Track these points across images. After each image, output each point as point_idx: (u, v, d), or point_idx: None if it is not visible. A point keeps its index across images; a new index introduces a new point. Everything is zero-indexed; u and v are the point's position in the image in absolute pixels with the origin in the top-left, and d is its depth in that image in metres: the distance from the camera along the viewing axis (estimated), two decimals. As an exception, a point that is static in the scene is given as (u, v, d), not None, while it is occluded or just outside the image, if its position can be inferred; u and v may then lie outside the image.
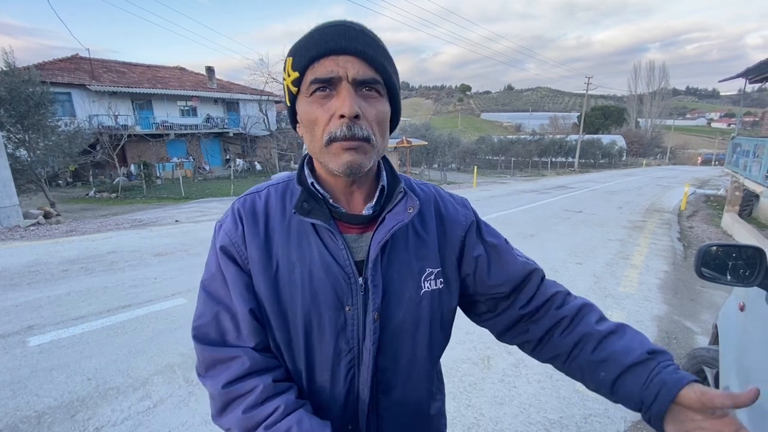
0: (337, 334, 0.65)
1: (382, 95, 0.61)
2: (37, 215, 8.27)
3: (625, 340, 0.67)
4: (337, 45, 0.56)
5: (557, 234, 7.16)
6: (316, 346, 0.65)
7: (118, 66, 22.67)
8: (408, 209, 0.66)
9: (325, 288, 0.64)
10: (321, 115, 0.58)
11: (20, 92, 9.63)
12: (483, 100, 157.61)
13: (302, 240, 0.66)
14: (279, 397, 0.61)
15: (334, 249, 0.65)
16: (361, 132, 0.57)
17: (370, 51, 0.58)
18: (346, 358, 0.66)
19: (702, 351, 2.05)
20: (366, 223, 0.67)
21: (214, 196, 13.96)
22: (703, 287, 4.45)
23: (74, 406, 2.21)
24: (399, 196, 0.67)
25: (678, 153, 62.46)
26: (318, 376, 0.66)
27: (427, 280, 0.69)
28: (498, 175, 26.38)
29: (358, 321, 0.65)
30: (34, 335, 3.03)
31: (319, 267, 0.64)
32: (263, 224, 0.66)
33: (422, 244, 0.70)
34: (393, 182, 0.70)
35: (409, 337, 0.69)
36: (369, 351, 0.65)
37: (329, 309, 0.64)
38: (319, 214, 0.64)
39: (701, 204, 12.52)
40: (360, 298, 0.65)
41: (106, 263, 4.96)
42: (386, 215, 0.66)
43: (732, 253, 1.27)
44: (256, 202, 0.69)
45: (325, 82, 0.57)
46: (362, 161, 0.59)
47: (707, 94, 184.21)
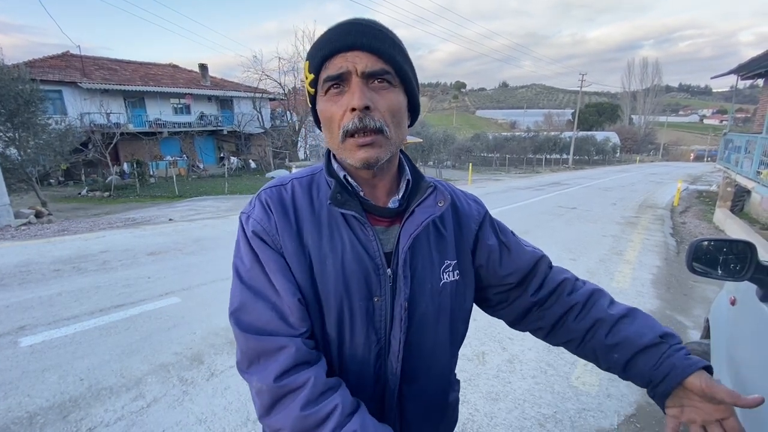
0: (368, 324, 0.66)
1: (394, 85, 0.62)
2: (29, 215, 8.17)
3: (636, 325, 0.71)
4: (345, 42, 0.58)
5: (551, 230, 7.20)
6: (347, 337, 0.66)
7: (110, 63, 22.38)
8: (438, 203, 0.68)
9: (357, 278, 0.65)
10: (336, 111, 0.60)
11: (9, 90, 9.49)
12: (478, 97, 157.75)
13: (333, 231, 0.66)
14: (334, 393, 0.58)
15: (365, 240, 0.66)
16: (373, 123, 0.59)
17: (377, 43, 0.59)
18: (375, 349, 0.67)
19: (694, 345, 2.06)
20: (393, 216, 0.69)
21: (208, 195, 13.87)
22: (695, 282, 4.49)
23: (67, 407, 2.19)
24: (429, 190, 0.69)
25: (671, 149, 62.96)
26: (348, 366, 0.67)
27: (445, 272, 0.72)
28: (493, 172, 26.45)
29: (386, 311, 0.67)
30: (26, 336, 2.99)
31: (350, 258, 0.65)
32: (293, 215, 0.67)
33: (441, 237, 0.73)
34: (417, 176, 0.72)
35: (431, 328, 0.71)
36: (398, 340, 0.67)
37: (360, 299, 0.65)
38: (353, 206, 0.65)
39: (694, 200, 12.64)
40: (388, 289, 0.66)
41: (98, 263, 4.91)
42: (416, 208, 0.68)
43: (723, 247, 1.27)
44: (283, 194, 0.68)
45: (336, 78, 0.59)
46: (378, 155, 0.61)
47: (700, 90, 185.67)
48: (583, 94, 46.85)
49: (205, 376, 2.51)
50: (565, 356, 2.83)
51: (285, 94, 22.19)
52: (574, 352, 0.78)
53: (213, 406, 2.21)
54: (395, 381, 0.68)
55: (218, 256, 5.24)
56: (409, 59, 0.65)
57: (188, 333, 3.05)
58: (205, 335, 3.02)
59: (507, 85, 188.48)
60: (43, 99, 10.91)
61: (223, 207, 10.68)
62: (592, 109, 64.08)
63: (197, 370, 2.56)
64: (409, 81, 0.64)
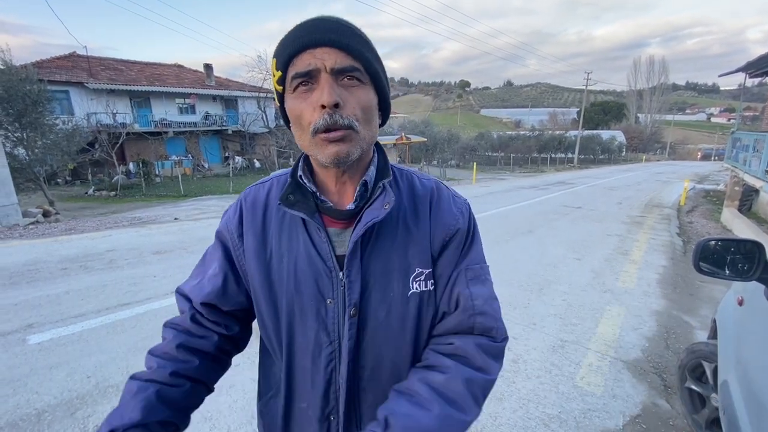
0: (318, 325, 0.67)
1: (364, 82, 0.61)
2: (36, 214, 8.26)
3: (396, 406, 0.60)
4: (312, 38, 0.57)
5: (556, 230, 7.16)
6: (298, 334, 0.68)
7: (116, 63, 22.55)
8: (384, 205, 0.64)
9: (308, 279, 0.66)
10: (305, 109, 0.59)
11: (17, 90, 9.59)
12: (482, 96, 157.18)
13: (292, 231, 0.68)
14: (163, 360, 0.69)
15: (318, 242, 0.66)
16: (342, 120, 0.58)
17: (346, 39, 0.58)
18: (326, 350, 0.67)
19: (701, 345, 2.05)
20: (350, 218, 0.67)
21: (213, 194, 13.94)
22: (702, 282, 4.45)
23: (74, 404, 2.22)
24: (378, 191, 0.66)
25: (678, 148, 62.37)
26: (299, 361, 0.69)
27: (416, 281, 0.67)
28: (497, 172, 26.36)
29: (338, 315, 0.66)
30: (34, 333, 3.02)
31: (303, 259, 0.67)
32: (261, 214, 0.71)
33: (412, 241, 0.68)
34: (380, 176, 0.69)
35: (392, 338, 0.68)
36: (347, 347, 0.65)
37: (311, 300, 0.66)
38: (303, 207, 0.65)
39: (701, 199, 12.52)
40: (340, 293, 0.65)
41: (105, 261, 4.95)
42: (364, 211, 0.65)
43: (730, 247, 1.26)
44: (259, 193, 0.73)
45: (305, 75, 0.58)
46: (349, 150, 0.60)
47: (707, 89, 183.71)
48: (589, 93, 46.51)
49: (211, 374, 2.52)
50: (570, 356, 2.81)
51: (289, 93, 22.18)
52: None
53: (218, 404, 2.23)
54: (345, 386, 0.67)
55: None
56: (379, 57, 0.64)
57: (194, 331, 3.07)
58: (211, 334, 3.04)
59: (512, 83, 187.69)
60: (51, 99, 11.02)
61: (227, 206, 10.70)
62: (598, 107, 63.67)
63: (202, 369, 2.58)
64: (380, 79, 0.63)
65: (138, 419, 0.61)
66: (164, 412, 0.64)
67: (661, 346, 3.02)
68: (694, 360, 2.07)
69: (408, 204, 0.70)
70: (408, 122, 31.32)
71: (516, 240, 6.29)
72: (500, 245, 5.94)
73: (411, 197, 0.71)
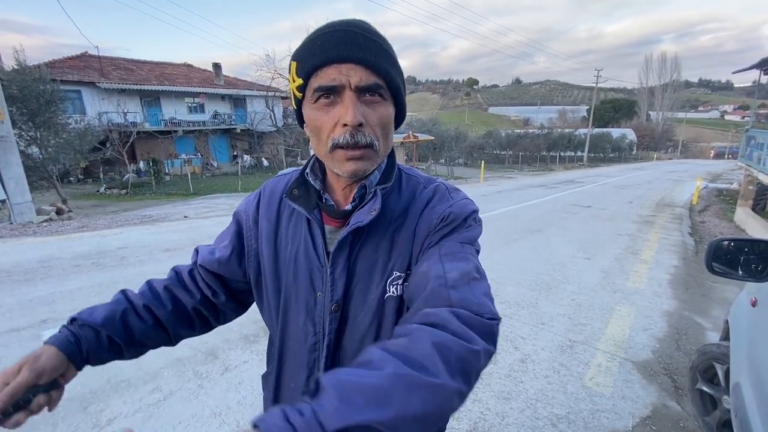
0: (306, 314, 0.70)
1: (385, 99, 0.61)
2: (50, 211, 8.41)
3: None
4: (339, 53, 0.57)
5: (565, 229, 7.10)
6: (291, 318, 0.72)
7: (127, 63, 22.84)
8: (371, 211, 0.64)
9: (304, 270, 0.70)
10: (326, 122, 0.60)
11: (31, 90, 9.77)
12: (490, 94, 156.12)
13: (297, 223, 0.73)
14: (148, 292, 0.77)
15: (315, 237, 0.70)
16: (365, 139, 0.59)
17: (373, 57, 0.58)
18: (311, 340, 0.70)
19: (713, 347, 2.02)
20: (346, 218, 0.69)
21: (221, 192, 14.06)
22: (714, 283, 4.38)
23: (87, 399, 2.26)
24: (369, 195, 0.66)
25: (690, 146, 61.39)
26: (290, 343, 0.74)
27: (393, 284, 0.66)
28: (506, 170, 26.19)
29: (324, 309, 0.69)
30: (48, 329, 3.08)
31: (302, 250, 0.71)
32: (277, 203, 0.76)
33: (396, 245, 0.67)
34: (382, 181, 0.69)
35: (369, 340, 0.68)
36: (326, 340, 0.69)
37: (303, 289, 0.70)
38: (304, 203, 0.69)
39: (713, 198, 12.31)
40: (328, 287, 0.68)
41: (116, 258, 5.03)
42: (354, 213, 0.67)
43: (744, 247, 1.24)
44: (278, 184, 0.78)
45: (329, 90, 0.58)
46: (366, 167, 0.62)
47: (721, 86, 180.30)
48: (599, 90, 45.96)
49: (220, 370, 2.55)
50: (579, 356, 2.79)
51: (297, 92, 22.28)
52: None
53: (227, 401, 2.25)
54: None
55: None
56: (400, 69, 0.64)
57: (203, 328, 3.11)
58: (220, 330, 3.05)
59: (520, 81, 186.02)
60: (63, 99, 11.20)
61: (236, 204, 10.74)
62: (608, 105, 62.88)
63: (212, 365, 2.61)
64: (400, 93, 0.64)
65: (98, 323, 0.68)
66: (119, 331, 0.70)
67: (672, 347, 2.98)
68: (706, 361, 2.04)
69: (404, 210, 0.69)
70: (415, 120, 31.24)
71: (524, 239, 6.25)
72: (509, 245, 5.91)
73: (410, 203, 0.70)
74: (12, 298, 3.68)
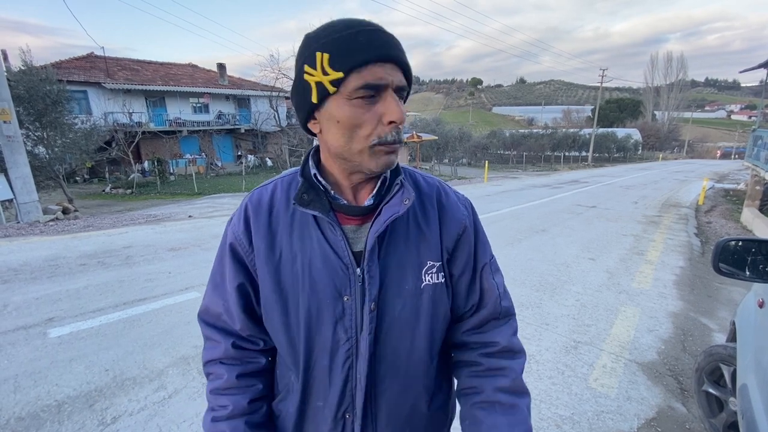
0: (336, 323, 0.67)
1: (403, 99, 0.65)
2: (56, 211, 8.48)
3: (499, 423, 0.70)
4: (387, 53, 0.59)
5: (570, 229, 7.06)
6: (315, 334, 0.68)
7: (132, 64, 22.99)
8: (404, 201, 0.67)
9: (324, 278, 0.66)
10: (368, 120, 0.60)
11: (38, 91, 9.84)
12: (494, 93, 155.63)
13: (304, 231, 0.69)
14: (234, 395, 0.73)
15: (333, 240, 0.67)
16: (402, 135, 0.63)
17: (406, 59, 0.62)
18: (344, 347, 0.68)
19: (719, 348, 2.00)
20: (365, 215, 0.68)
21: (226, 192, 14.12)
22: (721, 283, 4.34)
23: (92, 396, 2.28)
24: (396, 187, 0.68)
25: (696, 146, 60.90)
26: (317, 361, 0.69)
27: (428, 274, 0.70)
28: (510, 170, 26.10)
29: (355, 311, 0.67)
30: (54, 327, 3.11)
31: (318, 257, 0.67)
32: (267, 216, 0.70)
33: (423, 236, 0.71)
34: (394, 174, 0.71)
35: (408, 331, 0.70)
36: (367, 342, 0.67)
37: (327, 298, 0.67)
38: (318, 206, 0.66)
39: (720, 198, 12.20)
40: (358, 289, 0.67)
41: (122, 257, 5.06)
42: (383, 207, 0.67)
43: (751, 248, 1.23)
44: (262, 196, 0.72)
45: (374, 88, 0.59)
46: (396, 160, 0.66)
47: (727, 85, 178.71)
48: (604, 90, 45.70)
49: (224, 369, 2.56)
50: (583, 357, 2.78)
51: (301, 92, 22.34)
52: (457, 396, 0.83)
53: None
54: (363, 381, 0.68)
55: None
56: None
57: (207, 327, 3.12)
58: (224, 330, 3.08)
59: (524, 81, 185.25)
60: (70, 99, 11.29)
61: (238, 204, 10.85)
62: (613, 105, 62.43)
63: (216, 364, 2.62)
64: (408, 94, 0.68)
65: None
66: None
67: (678, 349, 2.96)
68: (712, 363, 2.03)
69: (416, 201, 0.73)
70: (419, 120, 31.18)
71: (529, 239, 6.23)
72: (513, 245, 5.89)
73: (418, 195, 0.73)
74: (19, 296, 3.72)
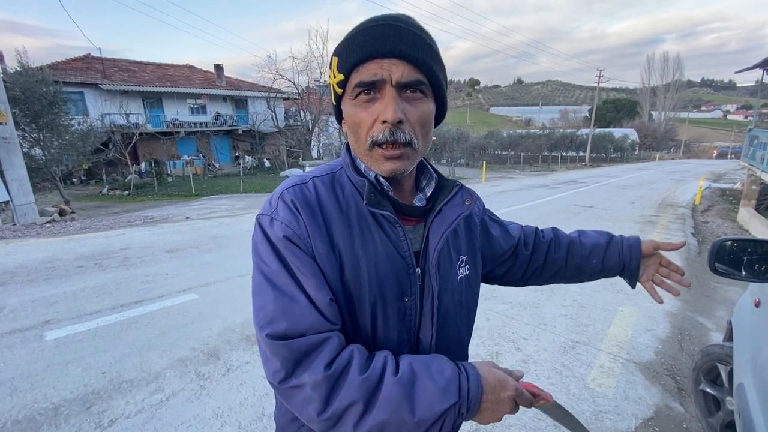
0: (400, 323, 0.67)
1: (427, 95, 0.60)
2: (53, 212, 8.44)
3: (591, 236, 0.97)
4: (381, 47, 0.55)
5: (567, 229, 7.02)
6: (380, 336, 0.66)
7: (129, 65, 22.92)
8: (466, 201, 0.71)
9: (390, 279, 0.64)
10: (365, 119, 0.58)
11: (34, 92, 9.80)
12: (492, 94, 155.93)
13: (365, 232, 0.64)
14: (377, 354, 0.60)
15: (396, 240, 0.65)
16: (404, 137, 0.57)
17: (415, 52, 0.56)
18: (406, 347, 0.68)
19: (716, 348, 2.01)
20: (419, 215, 0.70)
21: (223, 193, 14.09)
22: (717, 283, 4.36)
23: (89, 399, 2.26)
24: (455, 188, 0.71)
25: (693, 146, 61.20)
26: None
27: (461, 267, 0.75)
28: (507, 170, 26.14)
29: (415, 310, 0.67)
30: (51, 329, 3.10)
31: (384, 259, 0.64)
32: (320, 215, 0.63)
33: (455, 234, 0.75)
34: (438, 175, 0.74)
35: (453, 321, 0.74)
36: (430, 336, 0.68)
37: (393, 300, 0.65)
38: (386, 206, 0.64)
39: (716, 198, 12.26)
40: (417, 288, 0.67)
41: (119, 259, 5.04)
42: (443, 207, 0.69)
43: (747, 247, 1.24)
44: (306, 195, 0.64)
45: (369, 85, 0.57)
46: (404, 167, 0.61)
47: (723, 85, 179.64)
48: (601, 90, 45.86)
49: (222, 371, 2.55)
50: (581, 357, 2.78)
51: (299, 93, 22.37)
52: (563, 278, 0.97)
53: (229, 401, 2.25)
54: None
55: (234, 253, 5.32)
56: (443, 65, 0.63)
57: (205, 329, 3.12)
58: (222, 331, 3.08)
59: (522, 81, 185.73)
60: (66, 100, 11.23)
61: (238, 205, 10.84)
62: (610, 105, 62.67)
63: (214, 366, 2.61)
64: (441, 90, 0.62)
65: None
66: None
67: (675, 348, 2.97)
68: (709, 362, 2.03)
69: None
70: (417, 121, 31.12)
71: (526, 239, 6.23)
72: (510, 245, 5.90)
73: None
74: (15, 298, 3.70)
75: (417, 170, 0.73)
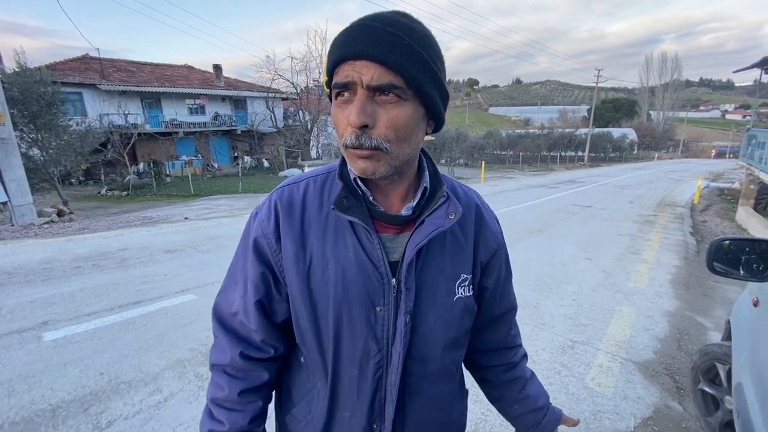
0: (367, 333, 0.65)
1: (404, 99, 0.56)
2: (51, 213, 8.42)
3: (534, 388, 0.87)
4: (352, 50, 0.54)
5: (566, 229, 7.09)
6: (345, 342, 0.66)
7: (128, 65, 22.89)
8: (449, 215, 0.65)
9: (358, 287, 0.64)
10: (341, 120, 0.58)
11: (32, 92, 9.76)
12: (491, 94, 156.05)
13: (338, 236, 0.65)
14: (233, 412, 0.68)
15: (370, 248, 0.64)
16: (369, 142, 0.56)
17: (386, 53, 0.53)
18: (374, 359, 0.66)
19: (714, 347, 2.01)
20: (403, 224, 0.66)
21: (222, 194, 14.07)
22: (716, 282, 4.37)
23: (87, 400, 2.26)
24: (441, 200, 0.65)
25: (691, 146, 61.32)
26: (345, 371, 0.67)
27: (461, 287, 0.69)
28: (506, 170, 26.15)
29: (388, 322, 0.65)
30: (49, 330, 3.09)
31: (353, 265, 0.64)
32: (299, 217, 0.67)
33: (459, 249, 0.70)
34: (435, 183, 0.68)
35: (439, 342, 0.69)
36: (399, 353, 0.65)
37: (360, 307, 0.64)
38: (357, 212, 0.63)
39: (715, 197, 12.28)
40: (392, 300, 0.64)
41: (117, 260, 5.03)
42: (426, 218, 0.65)
43: (745, 247, 1.24)
44: (294, 194, 0.69)
45: (343, 87, 0.56)
46: (375, 168, 0.58)
47: (722, 85, 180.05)
48: (600, 90, 45.95)
49: (220, 372, 2.55)
50: (580, 357, 2.79)
51: (297, 93, 22.36)
52: (485, 391, 0.89)
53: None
54: (395, 393, 0.67)
55: (233, 253, 5.28)
56: (430, 66, 0.57)
57: (204, 330, 3.11)
58: (220, 332, 3.07)
59: (521, 81, 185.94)
60: (64, 101, 11.20)
61: (237, 205, 10.82)
62: (609, 105, 62.75)
63: (212, 366, 2.61)
64: (425, 93, 0.57)
65: None
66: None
67: (674, 348, 2.97)
68: (708, 362, 2.04)
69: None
70: (416, 121, 31.11)
71: (526, 239, 6.24)
72: (510, 245, 5.79)
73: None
74: (13, 299, 3.69)
75: (417, 177, 0.68)
